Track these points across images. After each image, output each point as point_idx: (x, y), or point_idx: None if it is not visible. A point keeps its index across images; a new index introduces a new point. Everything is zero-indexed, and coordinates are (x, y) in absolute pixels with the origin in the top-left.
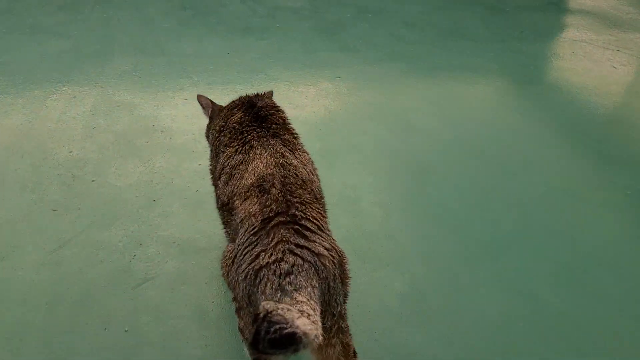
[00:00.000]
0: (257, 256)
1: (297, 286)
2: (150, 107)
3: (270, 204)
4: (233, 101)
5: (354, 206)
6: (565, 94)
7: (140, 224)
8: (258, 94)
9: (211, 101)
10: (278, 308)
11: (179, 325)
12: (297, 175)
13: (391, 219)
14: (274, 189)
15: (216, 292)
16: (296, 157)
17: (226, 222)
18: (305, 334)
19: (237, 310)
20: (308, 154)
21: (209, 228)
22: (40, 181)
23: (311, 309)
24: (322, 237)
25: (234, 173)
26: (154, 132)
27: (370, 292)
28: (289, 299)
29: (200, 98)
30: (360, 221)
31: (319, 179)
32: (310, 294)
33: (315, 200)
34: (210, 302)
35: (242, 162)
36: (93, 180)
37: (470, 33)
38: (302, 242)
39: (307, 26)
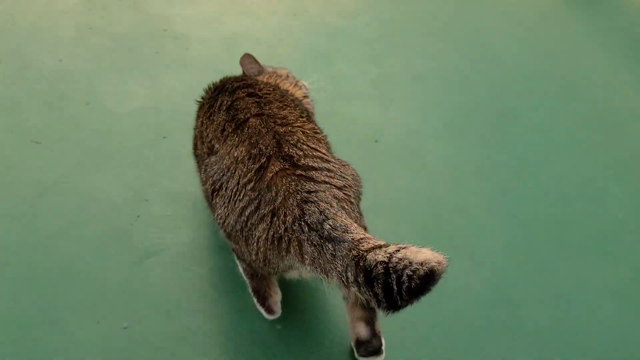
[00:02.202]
0: (272, 219)
1: (344, 226)
2: (161, 3)
3: (257, 143)
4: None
5: (417, 161)
6: None
7: (144, 168)
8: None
9: (255, 61)
10: (387, 253)
11: (194, 326)
12: (272, 90)
13: (464, 183)
14: (252, 119)
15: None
16: (266, 77)
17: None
18: (440, 263)
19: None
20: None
21: None
22: (18, 99)
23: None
24: (330, 171)
25: (203, 130)
26: (165, 40)
27: (436, 290)
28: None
29: (243, 60)
30: (425, 183)
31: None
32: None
33: (302, 114)
34: (238, 293)
35: (207, 112)
36: (88, 104)
37: None
38: (312, 187)
39: None
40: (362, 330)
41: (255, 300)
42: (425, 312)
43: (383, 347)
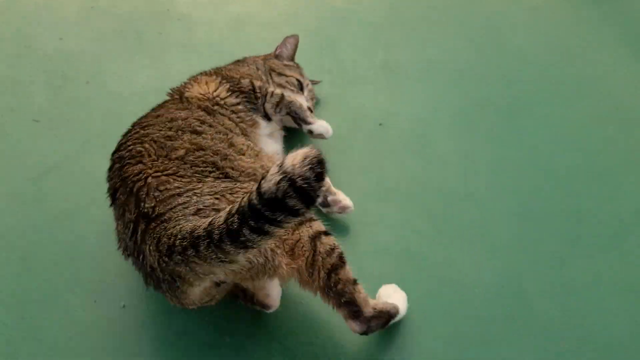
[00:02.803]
0: (150, 278)
1: (188, 229)
2: None
3: (124, 212)
4: None
5: (426, 149)
6: None
7: None
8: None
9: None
10: (274, 174)
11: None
12: (137, 139)
13: (475, 175)
14: (120, 190)
15: None
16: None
17: None
18: (313, 149)
19: None
20: None
21: None
22: (20, 79)
23: None
24: (184, 203)
25: None
26: (169, 21)
27: (445, 279)
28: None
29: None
30: (433, 172)
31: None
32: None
33: (162, 149)
34: None
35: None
36: (87, 82)
37: None
38: (165, 226)
39: None
40: (355, 326)
41: (245, 304)
42: (436, 303)
43: (393, 313)
